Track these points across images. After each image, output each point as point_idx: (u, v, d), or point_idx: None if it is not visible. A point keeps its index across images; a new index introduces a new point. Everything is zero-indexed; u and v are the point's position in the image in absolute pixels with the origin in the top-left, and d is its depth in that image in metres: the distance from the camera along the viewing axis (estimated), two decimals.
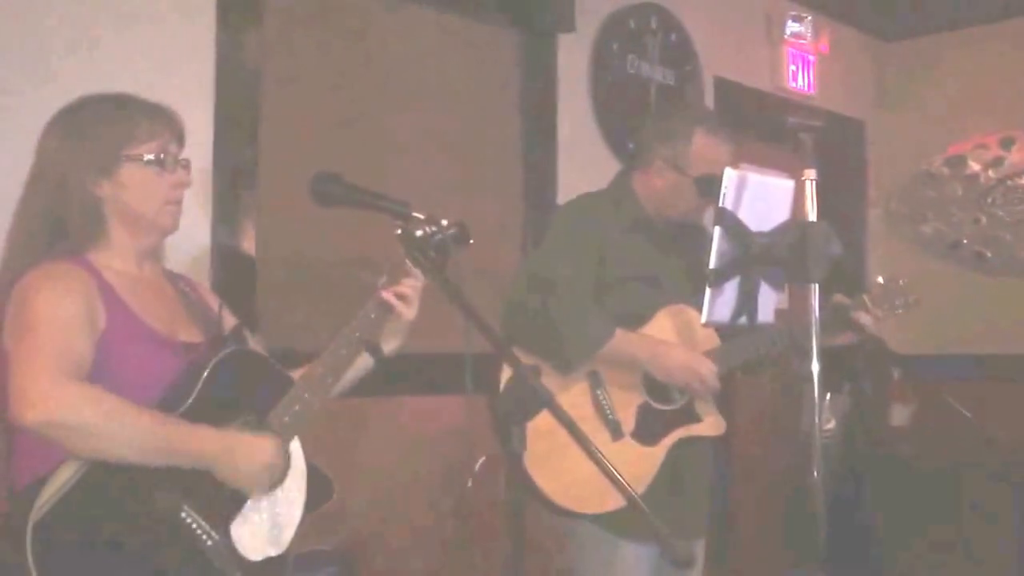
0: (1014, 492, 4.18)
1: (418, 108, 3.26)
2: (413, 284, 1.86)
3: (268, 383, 1.81)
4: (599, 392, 2.35)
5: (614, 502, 2.19)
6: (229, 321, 1.92)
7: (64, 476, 1.57)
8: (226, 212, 2.70)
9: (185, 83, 2.61)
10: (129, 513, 1.61)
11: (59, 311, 1.63)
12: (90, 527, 1.58)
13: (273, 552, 1.75)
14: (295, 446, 1.83)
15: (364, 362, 1.95)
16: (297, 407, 1.79)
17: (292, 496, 1.81)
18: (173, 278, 1.91)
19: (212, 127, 2.67)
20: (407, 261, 1.84)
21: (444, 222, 1.84)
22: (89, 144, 1.74)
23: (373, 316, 1.86)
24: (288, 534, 1.79)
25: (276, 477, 1.75)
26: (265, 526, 1.75)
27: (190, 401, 1.68)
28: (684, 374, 2.34)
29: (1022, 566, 4.11)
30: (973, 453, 4.42)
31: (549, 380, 2.28)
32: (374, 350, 1.93)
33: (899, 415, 4.70)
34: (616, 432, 2.34)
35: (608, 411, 2.35)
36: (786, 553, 4.31)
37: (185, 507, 1.64)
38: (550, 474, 2.25)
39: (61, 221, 1.73)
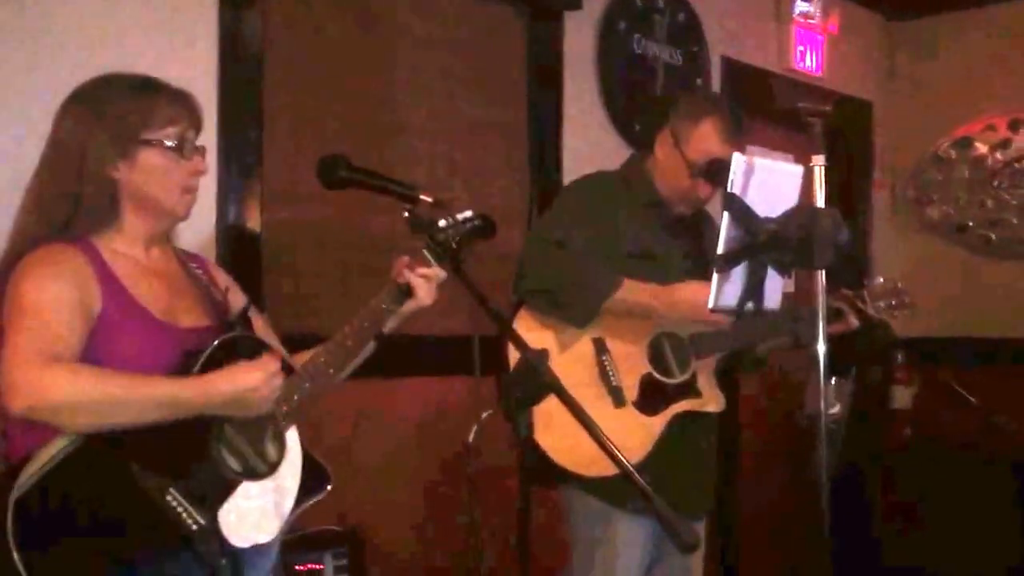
0: (1017, 476, 4.19)
1: (423, 87, 3.24)
2: (433, 272, 1.83)
3: None
4: (604, 358, 2.37)
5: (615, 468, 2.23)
6: (239, 302, 1.89)
7: (49, 454, 1.56)
8: (232, 192, 2.70)
9: (189, 63, 2.59)
10: (113, 493, 1.59)
11: (49, 295, 1.62)
12: (72, 506, 1.56)
13: (261, 539, 1.72)
14: (292, 435, 1.80)
15: (366, 350, 1.92)
16: (297, 396, 1.77)
17: (285, 484, 1.77)
18: (184, 260, 1.88)
19: (216, 107, 2.65)
20: (425, 251, 1.82)
21: (469, 213, 1.82)
22: (108, 124, 1.71)
23: (385, 307, 1.83)
24: (278, 523, 1.76)
25: (271, 396, 1.68)
26: (255, 513, 1.72)
27: None
28: (694, 311, 2.30)
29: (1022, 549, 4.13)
30: (976, 436, 4.44)
31: (556, 342, 2.35)
32: (381, 338, 1.91)
33: (901, 398, 4.72)
34: (618, 399, 2.36)
35: (612, 377, 2.37)
36: (792, 539, 4.33)
37: (172, 490, 1.62)
38: (553, 435, 2.24)
39: (75, 200, 1.71)
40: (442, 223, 1.79)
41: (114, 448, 1.59)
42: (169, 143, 1.73)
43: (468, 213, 1.83)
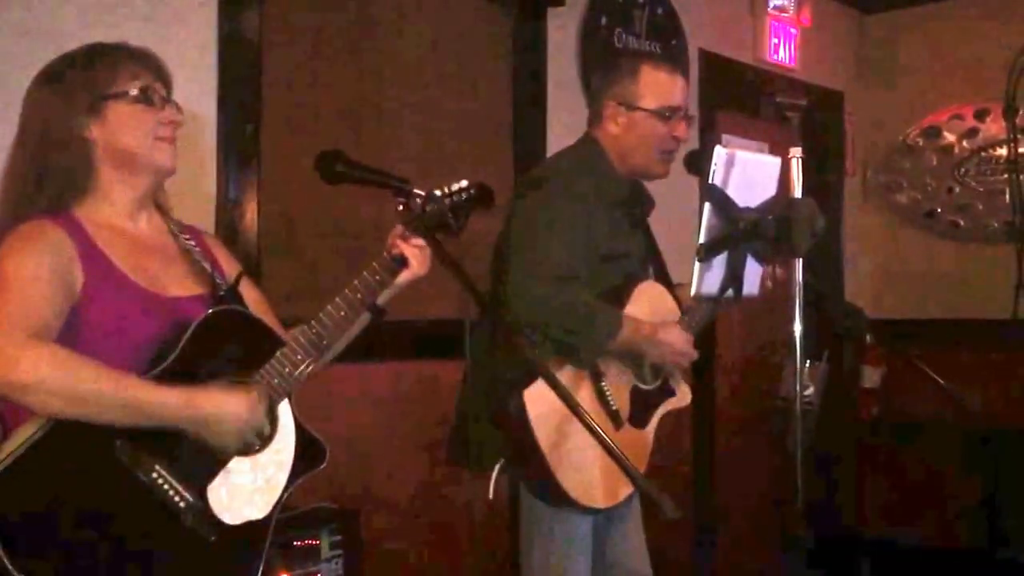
0: (982, 453, 4.34)
1: (413, 82, 3.32)
2: (423, 243, 1.82)
3: (258, 343, 1.75)
4: (603, 385, 2.34)
5: (625, 492, 2.31)
6: (233, 274, 1.87)
7: (23, 435, 1.52)
8: (231, 182, 2.76)
9: (188, 58, 2.65)
10: (95, 473, 1.55)
11: (28, 272, 1.60)
12: (51, 488, 1.51)
13: (254, 516, 1.68)
14: (285, 408, 1.76)
15: (361, 322, 1.88)
16: (288, 369, 1.73)
17: (279, 459, 1.73)
18: (175, 231, 1.85)
19: (216, 100, 2.72)
20: (410, 226, 1.81)
21: (464, 183, 1.81)
22: (72, 89, 1.70)
23: (377, 278, 1.81)
24: (271, 498, 1.71)
25: (252, 435, 1.67)
26: (247, 489, 1.68)
27: (171, 358, 1.63)
28: (675, 356, 2.39)
29: (991, 525, 4.27)
30: (943, 414, 4.58)
31: (556, 371, 2.22)
32: (375, 310, 1.87)
33: (870, 378, 4.85)
34: (617, 421, 2.35)
35: (611, 402, 2.34)
36: (769, 520, 4.46)
37: (158, 467, 1.59)
38: (573, 472, 2.24)
39: (46, 171, 1.69)
40: (437, 193, 1.77)
41: (96, 425, 1.54)
42: (134, 93, 1.73)
43: (463, 183, 1.80)
